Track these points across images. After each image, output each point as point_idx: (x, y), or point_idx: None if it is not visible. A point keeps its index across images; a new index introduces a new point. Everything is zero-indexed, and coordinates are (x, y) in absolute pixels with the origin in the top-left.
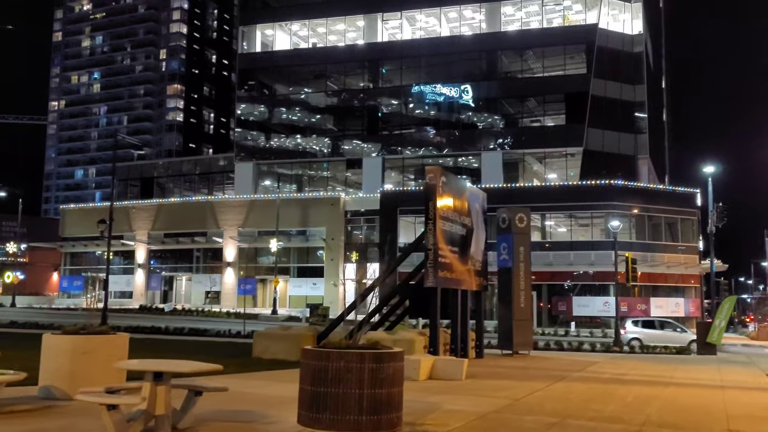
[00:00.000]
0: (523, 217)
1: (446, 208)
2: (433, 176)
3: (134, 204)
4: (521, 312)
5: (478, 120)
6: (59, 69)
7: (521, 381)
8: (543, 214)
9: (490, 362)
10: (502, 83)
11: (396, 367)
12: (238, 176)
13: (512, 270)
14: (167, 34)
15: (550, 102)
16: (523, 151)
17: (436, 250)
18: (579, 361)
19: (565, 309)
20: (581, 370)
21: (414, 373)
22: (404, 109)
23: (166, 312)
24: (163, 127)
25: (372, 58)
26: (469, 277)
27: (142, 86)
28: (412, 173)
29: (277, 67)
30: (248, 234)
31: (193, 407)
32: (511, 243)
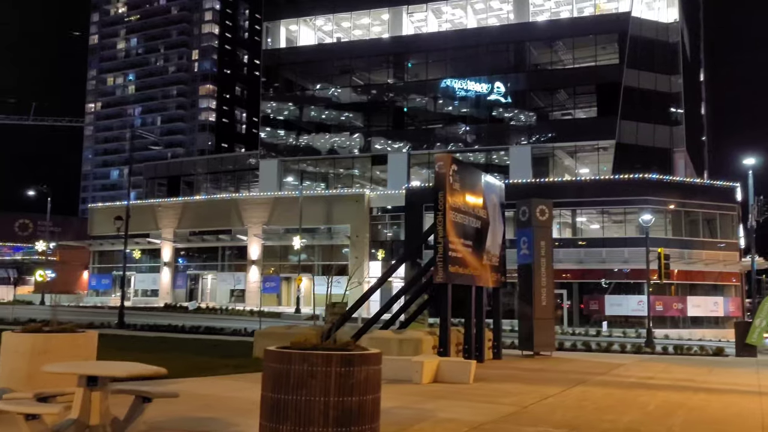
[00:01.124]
0: (545, 209)
1: (458, 199)
2: (442, 164)
3: (160, 202)
4: (543, 311)
5: (507, 114)
6: (96, 71)
7: (534, 385)
8: (574, 209)
9: (506, 364)
10: (531, 75)
11: (370, 371)
12: (263, 174)
13: (533, 266)
14: (199, 35)
15: (580, 94)
16: (552, 145)
17: (446, 244)
18: (604, 363)
19: (597, 308)
20: (603, 374)
21: (416, 375)
22: (430, 104)
23: (190, 310)
24: (195, 127)
25: (397, 52)
26: (484, 273)
27: (175, 87)
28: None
29: (302, 62)
30: (273, 232)
31: (140, 415)
32: (532, 237)
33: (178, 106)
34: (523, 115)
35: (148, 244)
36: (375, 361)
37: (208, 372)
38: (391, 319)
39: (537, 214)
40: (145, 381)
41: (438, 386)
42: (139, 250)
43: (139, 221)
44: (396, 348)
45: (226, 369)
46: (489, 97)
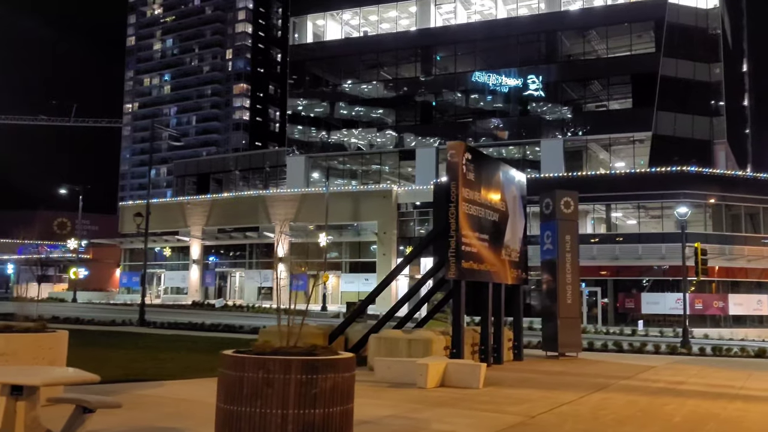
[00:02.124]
0: (570, 201)
1: (472, 190)
2: (455, 152)
3: (189, 200)
4: (568, 309)
5: (538, 106)
6: (133, 72)
7: (550, 391)
8: (608, 204)
9: (526, 366)
10: (564, 66)
11: (338, 379)
12: (290, 170)
13: (557, 261)
14: (233, 34)
15: (615, 84)
16: (586, 138)
17: (458, 238)
18: (632, 365)
19: (633, 306)
20: (630, 377)
21: (421, 379)
22: (459, 98)
23: (217, 308)
24: (230, 127)
25: (425, 44)
26: (503, 269)
27: (209, 86)
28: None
29: (329, 57)
30: (300, 229)
31: (79, 428)
32: (556, 231)
33: (213, 106)
34: (555, 107)
35: (177, 241)
36: (345, 367)
37: (204, 373)
38: (405, 317)
39: (561, 206)
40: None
41: (443, 391)
42: (169, 248)
43: (169, 219)
44: (405, 349)
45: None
46: (520, 89)
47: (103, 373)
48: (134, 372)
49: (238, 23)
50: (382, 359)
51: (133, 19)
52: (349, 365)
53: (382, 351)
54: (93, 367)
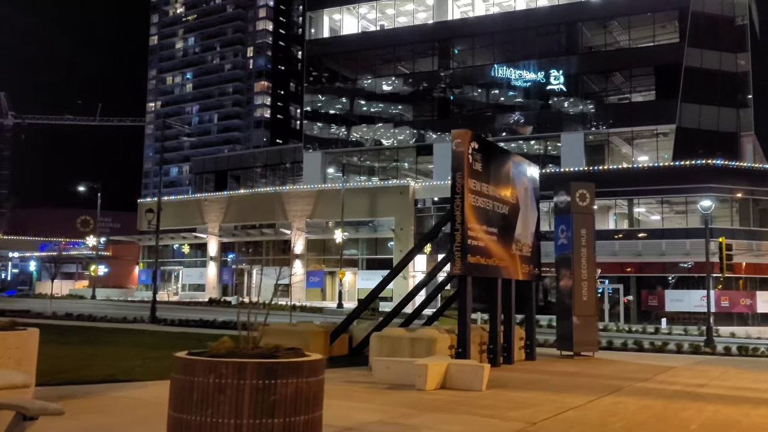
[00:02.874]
0: (585, 194)
1: (479, 181)
2: (460, 141)
3: (206, 196)
4: (583, 306)
5: (558, 99)
6: (155, 71)
7: (559, 394)
8: (630, 199)
9: (537, 366)
10: (584, 58)
11: (302, 384)
12: (307, 166)
13: (572, 257)
14: (254, 32)
15: (637, 76)
16: (608, 131)
17: (464, 231)
18: (651, 366)
19: (656, 304)
20: (647, 379)
21: (420, 381)
22: (477, 92)
23: (233, 305)
24: (251, 124)
25: (443, 37)
26: (513, 264)
27: (231, 84)
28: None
29: (345, 52)
30: (316, 225)
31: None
32: (571, 224)
33: (234, 104)
34: (576, 100)
35: (195, 238)
36: (311, 370)
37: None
38: (412, 315)
39: (577, 199)
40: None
41: (443, 394)
42: (187, 245)
43: (186, 216)
44: (407, 348)
45: None
46: (539, 82)
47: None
48: (120, 371)
49: (259, 21)
50: (380, 359)
51: (156, 19)
52: (315, 368)
53: (384, 350)
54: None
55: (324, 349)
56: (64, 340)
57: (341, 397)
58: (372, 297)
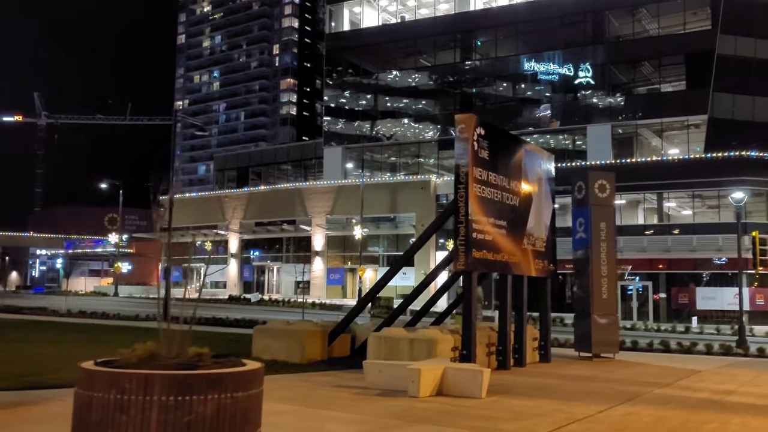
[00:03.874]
0: (605, 184)
1: (486, 170)
2: (464, 126)
3: (227, 193)
4: (603, 305)
5: (584, 90)
6: (183, 70)
7: (567, 402)
8: (659, 193)
9: (551, 369)
10: (612, 47)
11: (227, 401)
12: (327, 162)
13: (591, 251)
14: (280, 29)
15: (667, 65)
16: (636, 123)
17: (468, 223)
18: (676, 369)
19: (687, 302)
20: (668, 385)
21: (412, 387)
22: (500, 84)
23: (253, 302)
24: (277, 121)
25: (465, 29)
26: (524, 259)
27: (257, 82)
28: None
29: (366, 45)
30: (336, 221)
31: None
32: (589, 217)
33: (261, 101)
34: (603, 91)
35: (216, 235)
36: (238, 384)
37: None
38: (419, 313)
39: (595, 189)
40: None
41: (437, 402)
42: (210, 242)
43: (207, 213)
44: (406, 349)
45: None
46: (565, 73)
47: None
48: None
49: (285, 18)
50: (372, 362)
51: (183, 18)
52: (247, 381)
53: (382, 352)
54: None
55: (321, 350)
56: (59, 339)
57: (322, 405)
58: (372, 294)
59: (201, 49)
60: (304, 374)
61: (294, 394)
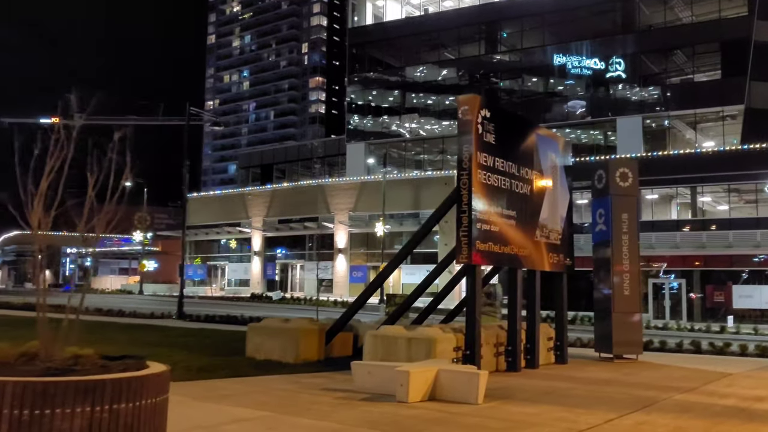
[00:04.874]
0: (627, 172)
1: (492, 155)
2: (467, 108)
3: (250, 190)
4: (625, 302)
5: (614, 81)
6: (213, 70)
7: (574, 409)
8: (693, 186)
9: (565, 371)
10: (642, 36)
11: (100, 415)
12: (350, 158)
13: (612, 245)
14: (308, 28)
15: (701, 54)
16: (668, 114)
17: (471, 213)
18: (704, 371)
19: (723, 300)
20: (692, 390)
21: (401, 391)
22: (526, 76)
23: (274, 300)
24: (306, 120)
25: (490, 20)
26: (536, 253)
27: (286, 81)
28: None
29: (389, 39)
30: (359, 218)
31: None
32: (610, 208)
33: (290, 100)
34: (633, 82)
35: (239, 233)
36: (123, 393)
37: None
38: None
39: (617, 178)
40: None
41: (426, 408)
42: (234, 240)
43: (230, 210)
44: (404, 349)
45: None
46: (594, 64)
47: None
48: None
49: (313, 16)
50: (361, 363)
51: (213, 18)
52: (136, 390)
53: (379, 352)
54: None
55: (318, 349)
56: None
57: (297, 411)
58: (371, 291)
59: (231, 49)
60: (294, 375)
61: (272, 399)
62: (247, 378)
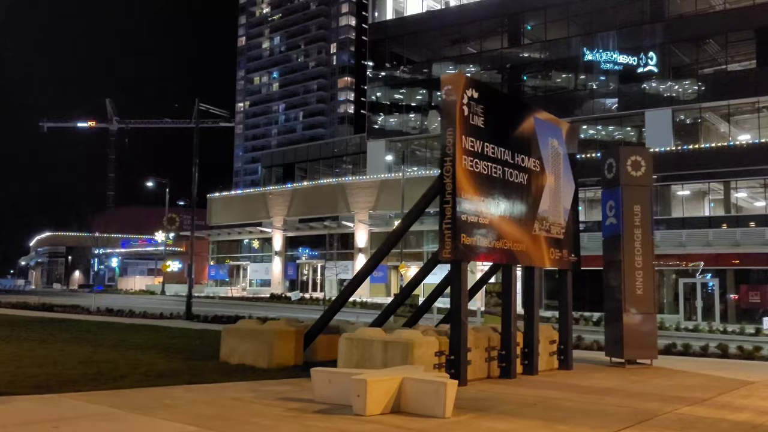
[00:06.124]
0: (640, 160)
1: (480, 140)
2: (451, 88)
3: (270, 190)
4: (637, 302)
5: (642, 73)
6: (244, 72)
7: (556, 425)
8: (727, 181)
9: (566, 379)
10: (671, 25)
11: None
12: (371, 156)
13: (622, 239)
14: (337, 28)
15: (735, 42)
16: (700, 106)
17: (456, 203)
18: (722, 379)
19: (759, 300)
20: (703, 401)
21: (358, 403)
22: (551, 69)
23: (293, 301)
24: (335, 120)
25: (512, 12)
26: (535, 248)
27: (315, 81)
28: None
29: (409, 34)
30: (379, 217)
31: None
32: (620, 199)
33: (319, 100)
34: (663, 73)
35: (260, 233)
36: None
37: (110, 383)
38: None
39: (628, 167)
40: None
41: (382, 423)
42: (257, 240)
43: (252, 210)
44: (379, 354)
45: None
46: (621, 55)
47: None
48: (24, 378)
49: (342, 16)
50: (321, 370)
51: (244, 20)
52: None
53: (354, 357)
54: None
55: (294, 353)
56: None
57: (233, 425)
58: (350, 291)
59: (260, 51)
60: (258, 382)
61: (212, 411)
62: (206, 385)
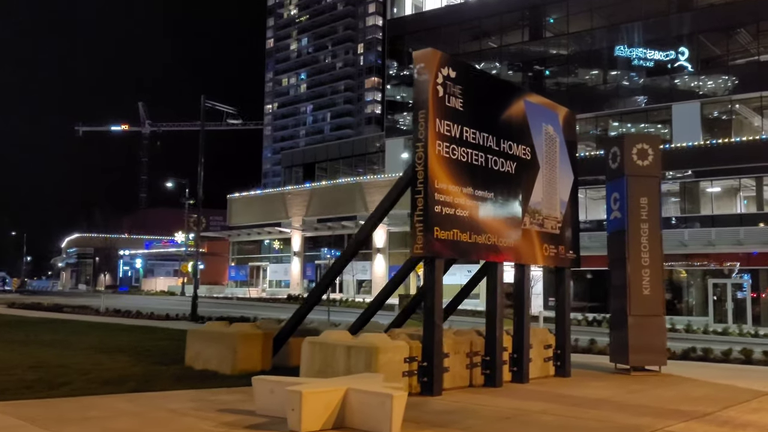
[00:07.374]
0: (646, 149)
1: (458, 123)
2: (423, 66)
3: (289, 190)
4: (644, 303)
5: (669, 65)
6: (272, 73)
7: None
8: (758, 177)
9: (557, 388)
10: (701, 15)
11: None
12: (389, 154)
13: (627, 235)
14: (364, 28)
15: (767, 31)
16: (730, 99)
17: (428, 193)
18: (734, 389)
19: None
20: (704, 416)
21: (293, 418)
22: (574, 62)
23: None
24: (362, 121)
25: (534, 4)
26: (525, 244)
27: (342, 82)
28: (588, 138)
29: (428, 29)
30: (398, 217)
31: None
32: (626, 191)
33: (346, 101)
34: (691, 65)
35: (279, 233)
36: None
37: (44, 391)
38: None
39: (634, 156)
40: None
41: None
42: (277, 240)
43: (271, 210)
44: (343, 360)
45: (84, 386)
46: (646, 47)
47: None
48: None
49: (369, 16)
50: (263, 379)
51: (272, 22)
52: None
53: (316, 363)
54: None
55: (261, 358)
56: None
57: None
58: (321, 290)
59: (288, 52)
60: (208, 390)
61: (134, 425)
62: (150, 394)
